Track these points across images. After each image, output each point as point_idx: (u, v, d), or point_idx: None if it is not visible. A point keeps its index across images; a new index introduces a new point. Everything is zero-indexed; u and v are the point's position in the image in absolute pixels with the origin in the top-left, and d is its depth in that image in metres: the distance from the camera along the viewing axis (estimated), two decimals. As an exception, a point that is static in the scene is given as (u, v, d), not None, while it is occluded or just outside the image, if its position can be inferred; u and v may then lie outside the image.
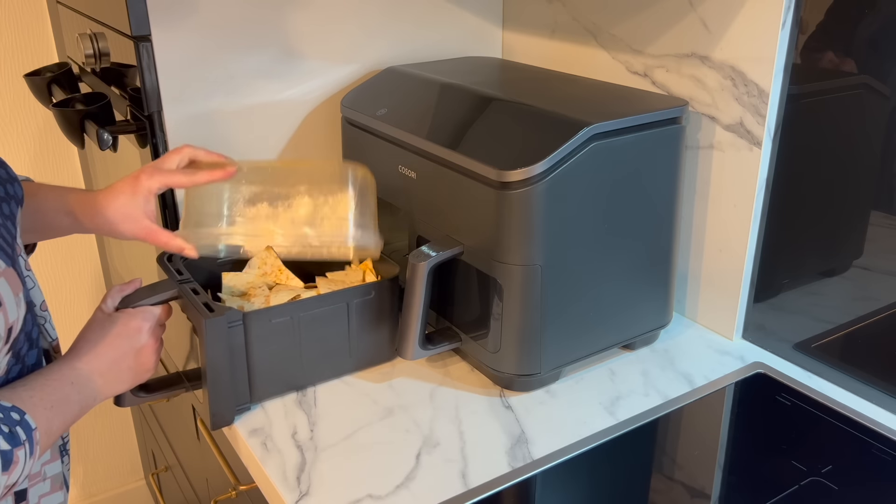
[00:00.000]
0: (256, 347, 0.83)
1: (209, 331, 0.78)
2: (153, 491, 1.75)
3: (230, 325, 0.80)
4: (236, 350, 0.82)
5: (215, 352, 0.80)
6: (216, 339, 0.79)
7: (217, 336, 0.79)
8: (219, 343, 0.79)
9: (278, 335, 0.84)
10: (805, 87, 0.84)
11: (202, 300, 0.81)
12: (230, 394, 0.82)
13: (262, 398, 0.86)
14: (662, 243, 0.89)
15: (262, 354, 0.84)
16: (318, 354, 0.88)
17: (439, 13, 1.16)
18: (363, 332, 0.89)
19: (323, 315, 0.86)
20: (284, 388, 0.87)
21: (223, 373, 0.81)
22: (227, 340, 0.80)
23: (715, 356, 0.93)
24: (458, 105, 0.91)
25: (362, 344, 0.90)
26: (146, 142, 1.02)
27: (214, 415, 0.82)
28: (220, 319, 0.79)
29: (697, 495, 0.73)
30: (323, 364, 0.89)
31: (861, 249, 0.82)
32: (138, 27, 0.94)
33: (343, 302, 0.87)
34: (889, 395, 0.82)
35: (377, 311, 0.89)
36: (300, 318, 0.85)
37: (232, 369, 0.82)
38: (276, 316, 0.84)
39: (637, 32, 0.99)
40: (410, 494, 0.72)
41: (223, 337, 0.80)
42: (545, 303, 0.81)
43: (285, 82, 1.06)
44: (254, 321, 0.82)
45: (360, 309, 0.88)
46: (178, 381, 0.88)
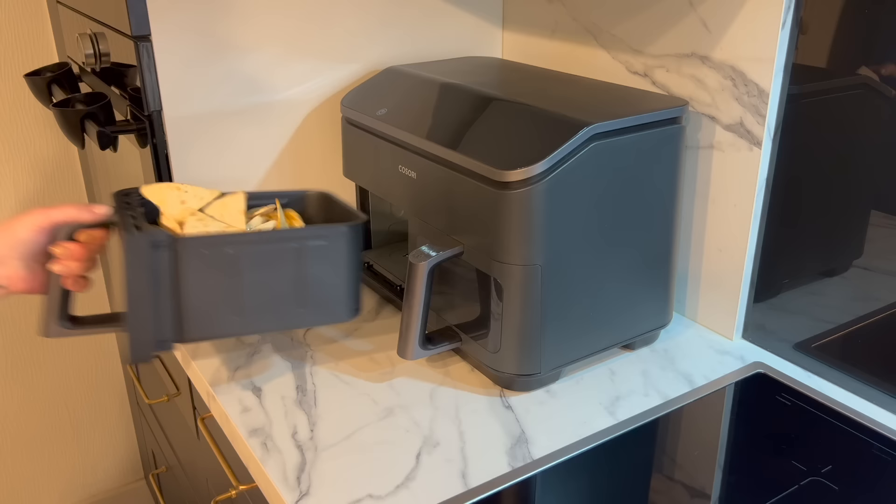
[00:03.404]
0: (186, 278, 0.75)
1: (130, 249, 0.72)
2: (153, 491, 1.76)
3: (155, 246, 0.73)
4: (162, 278, 0.74)
5: (136, 274, 0.72)
6: (139, 260, 0.72)
7: (139, 256, 0.72)
8: (142, 264, 0.72)
9: (213, 268, 0.76)
10: (805, 87, 0.84)
11: (136, 223, 0.74)
12: (151, 326, 0.75)
13: (190, 339, 0.79)
14: (662, 243, 0.89)
15: (193, 288, 0.76)
16: (262, 300, 0.79)
17: (439, 13, 1.16)
18: (316, 284, 0.81)
19: (269, 253, 0.78)
20: (219, 332, 0.81)
21: (144, 299, 0.74)
22: (150, 264, 0.73)
23: (715, 356, 0.93)
24: (458, 105, 0.91)
25: (315, 297, 0.81)
26: (146, 142, 1.02)
27: (134, 347, 0.75)
28: (143, 237, 0.72)
29: (697, 495, 0.73)
30: (267, 312, 0.80)
31: (861, 249, 0.82)
32: (138, 27, 0.94)
33: (294, 242, 0.78)
34: (889, 395, 0.82)
35: (334, 261, 0.81)
36: (241, 252, 0.76)
37: (156, 298, 0.74)
38: (213, 245, 0.75)
39: (637, 32, 0.99)
40: (410, 494, 0.72)
41: (146, 258, 0.73)
42: (545, 303, 0.81)
43: (285, 82, 1.06)
44: (185, 247, 0.74)
45: (314, 255, 0.79)
46: (114, 319, 0.83)
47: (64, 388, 1.77)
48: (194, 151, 1.02)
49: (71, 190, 1.63)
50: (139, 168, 1.08)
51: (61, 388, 1.77)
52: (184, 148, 1.01)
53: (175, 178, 1.02)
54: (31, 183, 1.58)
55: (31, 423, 1.76)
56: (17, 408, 1.72)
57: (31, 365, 1.71)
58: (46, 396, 1.75)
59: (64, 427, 1.80)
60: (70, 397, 1.78)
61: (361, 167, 1.04)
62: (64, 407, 1.79)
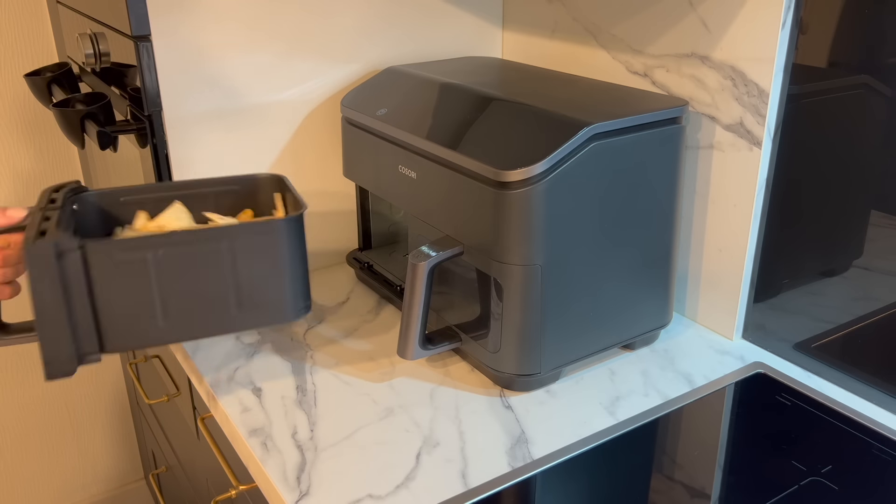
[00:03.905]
0: (101, 286, 0.68)
1: (31, 258, 0.65)
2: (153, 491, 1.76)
3: (61, 254, 0.66)
4: (74, 288, 0.68)
5: (42, 287, 0.66)
6: (42, 270, 0.66)
7: (43, 266, 0.66)
8: (46, 275, 0.66)
9: (131, 274, 0.69)
10: (805, 87, 0.84)
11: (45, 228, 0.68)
12: (68, 339, 0.69)
13: (115, 349, 0.73)
14: (662, 243, 0.89)
15: (111, 296, 0.69)
16: (192, 304, 0.72)
17: (439, 13, 1.16)
18: (253, 283, 0.73)
19: (193, 256, 0.71)
20: (146, 340, 0.74)
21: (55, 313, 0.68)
22: (57, 274, 0.67)
23: (715, 356, 0.93)
24: (458, 105, 0.91)
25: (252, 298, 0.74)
26: (146, 142, 1.02)
27: (48, 363, 0.69)
28: (45, 245, 0.65)
29: (697, 495, 0.73)
30: (200, 317, 0.73)
31: (861, 249, 0.82)
32: (138, 27, 0.94)
33: (221, 242, 0.71)
34: (889, 395, 0.82)
35: (272, 258, 0.73)
36: (161, 256, 0.69)
37: (69, 310, 0.68)
38: (128, 250, 0.69)
39: (637, 32, 0.99)
40: (410, 494, 0.72)
41: (51, 268, 0.66)
42: (545, 303, 0.81)
43: (285, 82, 1.06)
44: (95, 254, 0.67)
45: (248, 253, 0.72)
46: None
47: (64, 388, 1.77)
48: (194, 151, 1.02)
49: (71, 190, 1.63)
50: (139, 168, 1.08)
51: (61, 388, 1.77)
52: (184, 148, 1.01)
53: (175, 178, 1.02)
54: (31, 183, 1.58)
55: (31, 423, 1.76)
56: (17, 408, 1.72)
57: (31, 365, 1.71)
58: (46, 396, 1.75)
59: (64, 427, 1.80)
60: (70, 397, 1.78)
61: (361, 167, 1.04)
62: (64, 407, 1.79)
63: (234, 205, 0.86)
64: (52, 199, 0.75)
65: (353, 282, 1.13)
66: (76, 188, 0.80)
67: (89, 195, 0.80)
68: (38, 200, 0.76)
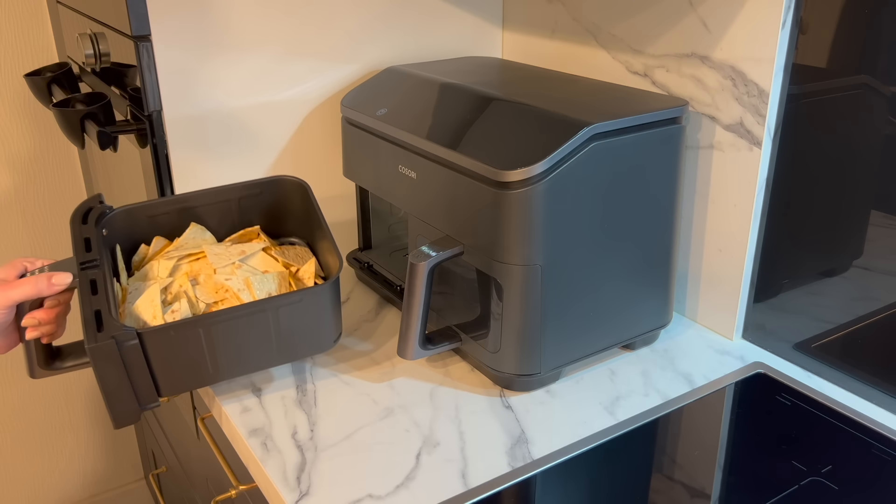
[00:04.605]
0: (157, 357, 0.75)
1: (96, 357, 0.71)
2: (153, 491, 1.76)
3: (121, 345, 0.72)
4: (134, 365, 0.74)
5: (107, 372, 0.72)
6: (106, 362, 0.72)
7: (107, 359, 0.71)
8: (110, 363, 0.72)
9: (184, 345, 0.76)
10: (805, 87, 0.84)
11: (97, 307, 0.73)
12: (132, 400, 0.75)
13: (172, 394, 0.81)
14: (662, 243, 0.89)
15: (166, 365, 0.76)
16: (238, 355, 0.80)
17: (439, 13, 1.16)
18: (291, 333, 0.81)
19: (240, 323, 0.77)
20: (196, 385, 0.81)
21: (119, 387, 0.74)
22: (120, 360, 0.72)
23: (715, 356, 0.93)
24: (458, 105, 0.91)
25: (291, 341, 0.82)
26: (146, 142, 1.02)
27: (115, 418, 0.76)
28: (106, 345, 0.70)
29: (697, 495, 0.73)
30: (245, 362, 0.81)
31: (861, 249, 0.82)
32: (138, 27, 0.94)
33: (267, 310, 0.78)
34: (889, 395, 0.82)
35: (311, 313, 0.81)
36: (212, 328, 0.76)
37: (131, 381, 0.74)
38: (181, 329, 0.75)
39: (637, 32, 0.99)
40: (410, 494, 0.72)
41: (114, 358, 0.72)
42: (545, 303, 0.81)
43: (285, 82, 1.06)
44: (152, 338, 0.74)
45: (289, 313, 0.79)
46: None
47: (64, 388, 1.77)
48: (194, 151, 1.02)
49: (71, 190, 1.63)
50: (139, 168, 1.08)
51: (61, 388, 1.77)
52: (184, 148, 1.01)
53: (175, 178, 1.02)
54: (32, 183, 1.59)
55: (31, 423, 1.75)
56: (17, 408, 1.72)
57: (31, 365, 1.71)
58: (46, 396, 1.75)
59: (64, 427, 1.80)
60: (70, 397, 1.78)
61: (361, 167, 1.04)
62: (64, 407, 1.79)
63: (257, 208, 0.92)
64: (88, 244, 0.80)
65: (353, 282, 1.13)
66: (102, 213, 0.84)
67: (118, 214, 0.85)
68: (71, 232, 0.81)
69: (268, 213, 0.92)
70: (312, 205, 0.90)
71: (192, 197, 0.89)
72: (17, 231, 1.60)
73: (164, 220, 0.88)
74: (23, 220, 1.60)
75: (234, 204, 0.90)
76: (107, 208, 0.86)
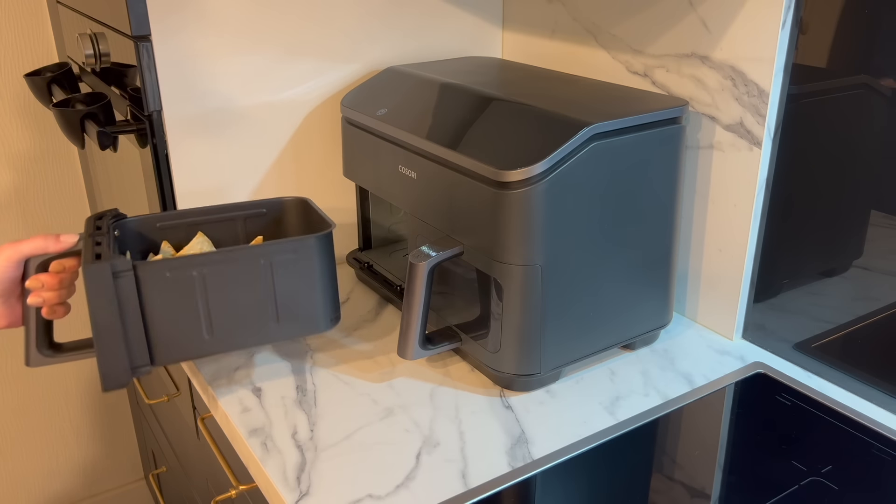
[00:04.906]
0: (152, 303, 0.75)
1: (90, 279, 0.71)
2: (153, 491, 1.76)
3: (117, 274, 0.73)
4: (128, 305, 0.74)
5: (100, 304, 0.73)
6: (100, 290, 0.72)
7: (101, 286, 0.72)
8: (104, 294, 0.72)
9: (179, 291, 0.76)
10: (805, 87, 0.84)
11: (99, 251, 0.74)
12: (122, 353, 0.75)
13: (165, 361, 0.80)
14: (662, 243, 0.89)
15: (161, 312, 0.76)
16: (234, 318, 0.79)
17: (439, 13, 1.16)
18: (289, 296, 0.81)
19: (236, 273, 0.78)
20: (192, 353, 0.81)
21: (111, 328, 0.74)
22: (114, 292, 0.73)
23: (715, 356, 0.93)
24: (458, 105, 0.91)
25: (289, 310, 0.81)
26: (146, 142, 1.02)
27: (105, 375, 0.75)
28: (102, 266, 0.72)
29: (697, 495, 0.73)
30: (241, 329, 0.81)
31: (861, 249, 0.82)
32: (138, 27, 0.94)
33: (262, 259, 0.78)
34: (889, 395, 0.82)
35: (306, 273, 0.81)
36: (205, 273, 0.76)
37: (124, 326, 0.75)
38: (176, 268, 0.76)
39: (637, 32, 0.99)
40: (410, 494, 0.72)
41: (108, 288, 0.73)
42: (545, 303, 0.81)
43: (285, 82, 1.06)
44: (147, 272, 0.74)
45: (284, 268, 0.79)
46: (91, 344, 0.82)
47: (64, 388, 1.77)
48: (194, 151, 1.02)
49: (71, 190, 1.63)
50: (139, 168, 1.08)
51: (61, 388, 1.77)
52: (184, 148, 1.01)
53: (175, 178, 1.02)
54: (31, 183, 1.59)
55: (31, 423, 1.76)
56: (17, 408, 1.72)
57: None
58: (46, 396, 1.75)
59: (64, 427, 1.80)
60: (70, 397, 1.78)
61: (361, 167, 1.04)
62: (64, 407, 1.79)
63: (262, 227, 0.94)
64: (98, 226, 0.82)
65: (353, 282, 1.13)
66: (117, 215, 0.87)
67: (129, 221, 0.88)
68: (85, 227, 0.83)
69: (271, 229, 0.95)
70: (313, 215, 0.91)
71: (201, 212, 0.92)
72: (17, 231, 1.60)
73: (171, 232, 0.91)
74: (23, 220, 1.60)
75: (241, 222, 0.93)
76: (122, 215, 0.88)
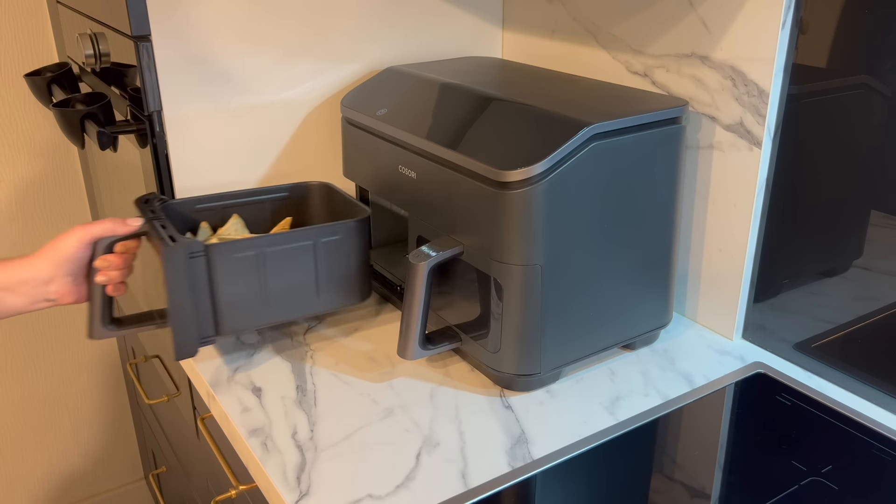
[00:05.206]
0: (220, 280, 0.84)
1: (169, 260, 0.80)
2: (153, 491, 1.76)
3: (191, 255, 0.81)
4: (199, 282, 0.83)
5: (176, 282, 0.81)
6: (177, 270, 0.80)
7: (178, 266, 0.80)
8: (180, 273, 0.81)
9: (242, 269, 0.85)
10: (805, 87, 0.84)
11: (168, 233, 0.82)
12: (193, 326, 0.84)
13: (228, 332, 0.89)
14: (662, 243, 0.89)
15: (226, 288, 0.85)
16: (285, 292, 0.89)
17: (439, 13, 1.16)
18: (330, 273, 0.91)
19: (288, 252, 0.88)
20: (251, 323, 0.90)
21: (185, 304, 0.82)
22: (188, 271, 0.81)
23: (715, 356, 0.93)
24: (458, 105, 0.91)
25: (330, 284, 0.92)
26: (146, 142, 1.02)
27: (178, 345, 0.83)
28: (180, 249, 0.80)
29: (697, 495, 0.73)
30: (290, 302, 0.90)
31: (861, 249, 0.82)
32: (138, 27, 0.94)
33: (310, 240, 0.89)
34: (889, 395, 0.82)
35: (345, 252, 0.91)
36: (265, 253, 0.86)
37: (195, 301, 0.83)
38: (241, 250, 0.85)
39: (637, 32, 0.99)
40: (410, 494, 0.72)
41: (184, 267, 0.81)
42: (545, 303, 0.81)
43: (285, 82, 1.06)
44: (217, 253, 0.83)
45: (328, 248, 0.90)
46: (150, 317, 0.91)
47: (64, 388, 1.77)
48: (194, 151, 1.02)
49: (71, 190, 1.63)
50: (139, 168, 1.08)
51: (61, 388, 1.77)
52: (184, 148, 1.01)
53: (175, 178, 1.02)
54: (31, 183, 1.59)
55: (32, 422, 1.76)
56: (17, 407, 1.72)
57: (31, 365, 1.71)
58: (47, 396, 1.75)
59: (64, 427, 1.80)
60: (70, 397, 1.78)
61: (361, 167, 1.04)
62: (64, 407, 1.79)
63: (286, 209, 1.04)
64: (151, 209, 0.91)
65: (353, 282, 1.13)
66: (161, 198, 0.96)
67: (173, 204, 0.97)
68: (138, 210, 0.91)
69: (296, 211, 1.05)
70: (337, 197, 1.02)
71: (233, 195, 1.01)
72: (17, 231, 1.60)
73: (208, 214, 1.00)
74: (23, 220, 1.60)
75: (268, 204, 1.03)
76: (165, 198, 0.97)
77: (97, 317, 0.88)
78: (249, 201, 1.02)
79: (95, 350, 1.78)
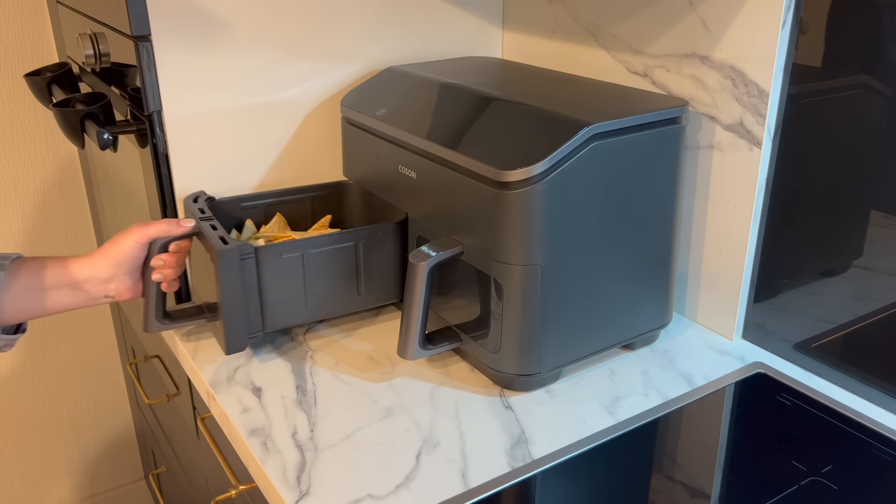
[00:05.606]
0: (268, 280, 0.89)
1: (222, 261, 0.84)
2: (153, 491, 1.76)
3: (242, 257, 0.86)
4: (249, 281, 0.88)
5: (228, 281, 0.86)
6: (229, 270, 0.85)
7: (230, 267, 0.85)
8: (232, 273, 0.86)
9: (289, 269, 0.90)
10: (805, 87, 0.84)
11: (219, 234, 0.87)
12: (243, 322, 0.89)
13: (273, 327, 0.93)
14: (662, 243, 0.89)
15: (274, 287, 0.90)
16: (327, 290, 0.94)
17: (439, 13, 1.16)
18: (370, 272, 0.96)
19: (332, 253, 0.92)
20: (295, 319, 0.95)
21: (236, 302, 0.87)
22: (239, 272, 0.86)
23: (715, 356, 0.93)
24: (458, 105, 0.91)
25: (370, 283, 0.96)
26: (146, 142, 1.02)
27: (229, 341, 0.88)
28: (232, 250, 0.85)
29: (697, 495, 0.73)
30: (331, 300, 0.95)
31: (861, 249, 0.82)
32: (138, 27, 0.94)
33: (352, 242, 0.93)
34: (889, 395, 0.82)
35: (385, 252, 0.96)
36: (310, 254, 0.91)
37: (244, 299, 0.88)
38: (287, 251, 0.90)
39: (637, 32, 0.99)
40: (410, 494, 0.72)
41: (236, 268, 0.86)
42: (545, 303, 0.81)
43: (285, 82, 1.06)
44: (266, 255, 0.89)
45: (369, 249, 0.94)
46: (200, 312, 0.95)
47: (64, 388, 1.77)
48: (194, 151, 1.02)
49: (71, 190, 1.63)
50: (139, 168, 1.08)
51: (61, 388, 1.77)
52: (184, 148, 1.01)
53: (175, 178, 1.02)
54: (31, 183, 1.59)
55: (32, 423, 1.76)
56: (17, 408, 1.72)
57: (31, 365, 1.71)
58: (47, 397, 1.75)
59: (64, 427, 1.80)
60: (70, 397, 1.78)
61: (361, 167, 1.04)
62: (64, 407, 1.79)
63: (326, 206, 1.10)
64: (201, 209, 0.95)
65: (353, 282, 1.13)
66: (208, 197, 1.01)
67: (219, 202, 1.02)
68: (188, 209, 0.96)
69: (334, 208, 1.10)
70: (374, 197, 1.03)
71: (276, 194, 1.06)
72: (17, 231, 1.60)
73: (252, 211, 1.05)
74: (23, 220, 1.60)
75: (308, 202, 1.09)
76: (212, 197, 1.02)
77: (152, 312, 0.92)
78: (291, 199, 1.07)
79: (95, 350, 1.78)
